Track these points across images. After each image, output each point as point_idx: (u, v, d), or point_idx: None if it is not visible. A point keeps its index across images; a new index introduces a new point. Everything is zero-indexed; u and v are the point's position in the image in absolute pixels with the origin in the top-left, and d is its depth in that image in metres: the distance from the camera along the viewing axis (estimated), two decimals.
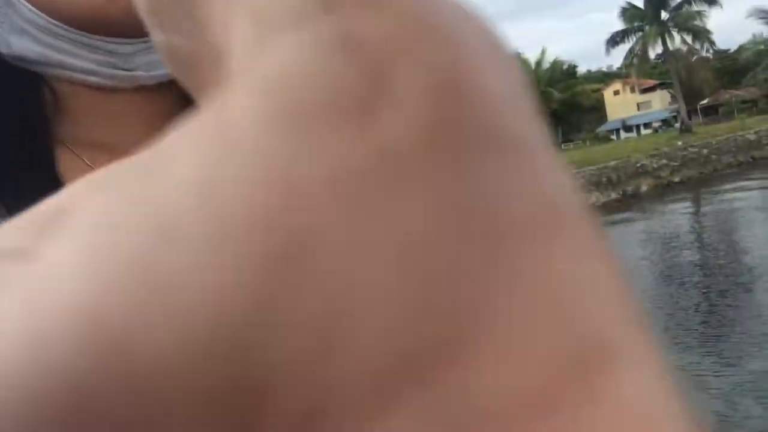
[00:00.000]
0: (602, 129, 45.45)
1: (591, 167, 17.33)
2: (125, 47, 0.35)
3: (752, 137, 21.75)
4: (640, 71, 35.02)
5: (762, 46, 36.48)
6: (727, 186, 15.37)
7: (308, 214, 0.08)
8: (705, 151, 19.87)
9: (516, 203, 0.08)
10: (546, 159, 0.09)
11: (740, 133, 22.32)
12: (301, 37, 0.08)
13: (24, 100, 0.36)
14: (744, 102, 39.13)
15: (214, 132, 0.08)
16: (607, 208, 15.10)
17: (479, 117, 0.08)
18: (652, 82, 39.95)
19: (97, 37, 0.34)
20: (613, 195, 16.40)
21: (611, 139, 39.83)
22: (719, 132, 23.85)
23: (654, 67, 39.96)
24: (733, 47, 45.68)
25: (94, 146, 0.37)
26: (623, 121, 41.51)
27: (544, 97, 23.49)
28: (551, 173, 0.09)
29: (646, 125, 40.36)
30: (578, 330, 0.08)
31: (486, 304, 0.08)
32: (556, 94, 24.10)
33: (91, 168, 0.36)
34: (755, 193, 13.56)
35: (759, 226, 9.53)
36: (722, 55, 43.24)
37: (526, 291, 0.08)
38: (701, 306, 6.09)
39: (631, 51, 32.91)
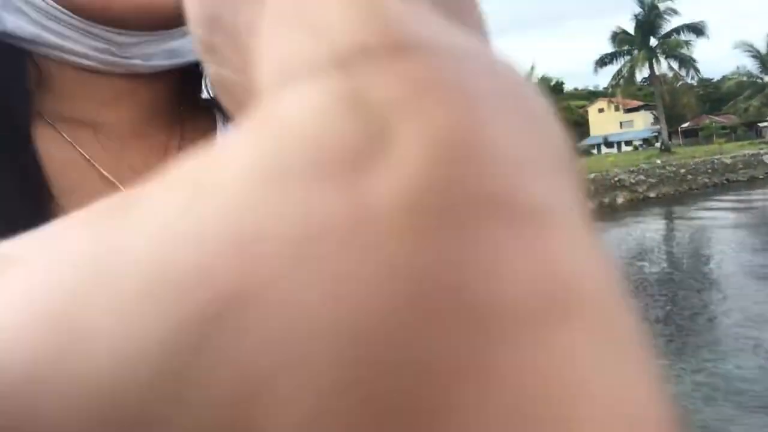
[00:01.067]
0: (584, 143, 46.07)
1: None
2: (125, 38, 0.34)
3: (728, 161, 22.15)
4: (625, 92, 35.44)
5: (745, 78, 37.23)
6: (700, 205, 15.64)
7: (248, 277, 0.07)
8: (682, 170, 20.15)
9: (509, 284, 0.07)
10: (568, 232, 0.08)
11: (717, 156, 22.72)
12: (312, 90, 0.08)
13: (5, 70, 0.34)
14: (723, 128, 39.94)
15: (200, 174, 0.08)
16: None
17: (480, 182, 0.07)
18: (636, 103, 40.41)
19: (99, 25, 0.33)
20: (590, 205, 16.52)
21: (591, 153, 40.39)
22: (697, 154, 24.25)
23: (639, 89, 40.50)
24: (717, 77, 46.33)
25: (75, 123, 0.36)
26: (605, 137, 41.98)
27: None
28: (570, 249, 0.08)
29: (627, 143, 40.89)
30: None
31: (443, 412, 0.06)
32: None
33: (70, 144, 0.36)
34: (726, 213, 13.86)
35: (726, 245, 9.67)
36: (706, 83, 43.94)
37: (500, 397, 0.06)
38: (665, 317, 6.15)
39: (618, 73, 33.33)
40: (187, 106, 0.40)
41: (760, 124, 37.67)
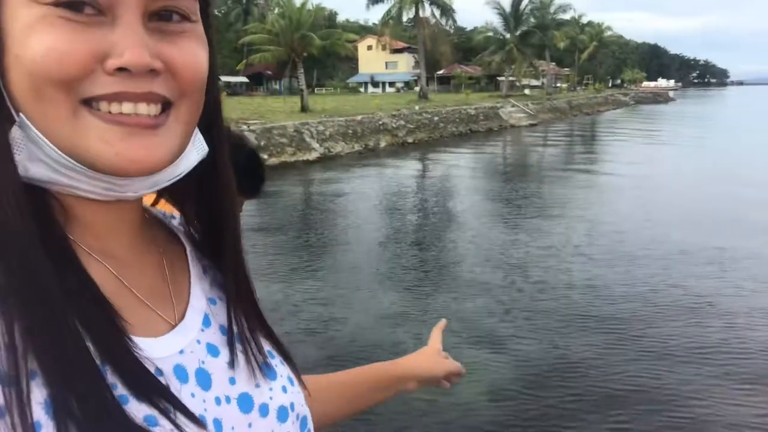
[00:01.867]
0: (353, 80, 47.69)
1: (340, 119, 18.47)
2: (124, 181, 0.42)
3: (473, 112, 25.27)
4: (393, 32, 37.40)
5: (491, 33, 41.78)
6: (450, 151, 18.00)
7: None
8: (436, 118, 22.52)
9: None
10: None
11: (464, 107, 25.69)
12: None
13: (36, 205, 0.41)
14: (471, 78, 44.67)
15: None
16: (350, 157, 16.45)
17: None
18: (401, 44, 42.86)
19: (107, 175, 0.41)
20: (357, 147, 17.75)
21: (359, 91, 42.22)
22: (449, 102, 27.05)
23: (405, 30, 43.04)
24: (470, 27, 50.88)
25: (100, 251, 0.45)
26: (372, 76, 44.12)
27: (305, 41, 23.74)
28: None
29: (391, 84, 43.54)
30: None
31: None
32: (317, 40, 24.52)
33: (104, 266, 0.44)
34: (468, 158, 16.37)
35: (463, 190, 11.47)
36: (460, 32, 48.21)
37: None
38: (418, 263, 7.22)
39: (388, 12, 35.00)
40: (150, 219, 0.52)
41: (499, 78, 42.93)
